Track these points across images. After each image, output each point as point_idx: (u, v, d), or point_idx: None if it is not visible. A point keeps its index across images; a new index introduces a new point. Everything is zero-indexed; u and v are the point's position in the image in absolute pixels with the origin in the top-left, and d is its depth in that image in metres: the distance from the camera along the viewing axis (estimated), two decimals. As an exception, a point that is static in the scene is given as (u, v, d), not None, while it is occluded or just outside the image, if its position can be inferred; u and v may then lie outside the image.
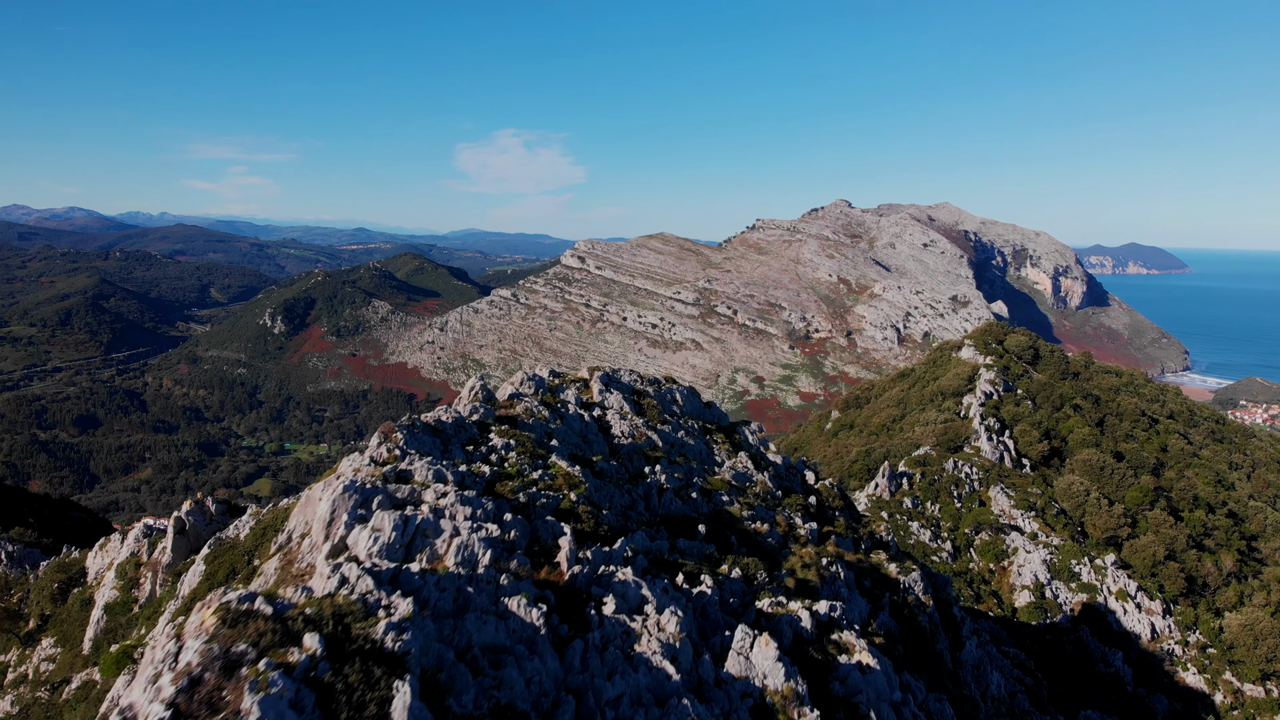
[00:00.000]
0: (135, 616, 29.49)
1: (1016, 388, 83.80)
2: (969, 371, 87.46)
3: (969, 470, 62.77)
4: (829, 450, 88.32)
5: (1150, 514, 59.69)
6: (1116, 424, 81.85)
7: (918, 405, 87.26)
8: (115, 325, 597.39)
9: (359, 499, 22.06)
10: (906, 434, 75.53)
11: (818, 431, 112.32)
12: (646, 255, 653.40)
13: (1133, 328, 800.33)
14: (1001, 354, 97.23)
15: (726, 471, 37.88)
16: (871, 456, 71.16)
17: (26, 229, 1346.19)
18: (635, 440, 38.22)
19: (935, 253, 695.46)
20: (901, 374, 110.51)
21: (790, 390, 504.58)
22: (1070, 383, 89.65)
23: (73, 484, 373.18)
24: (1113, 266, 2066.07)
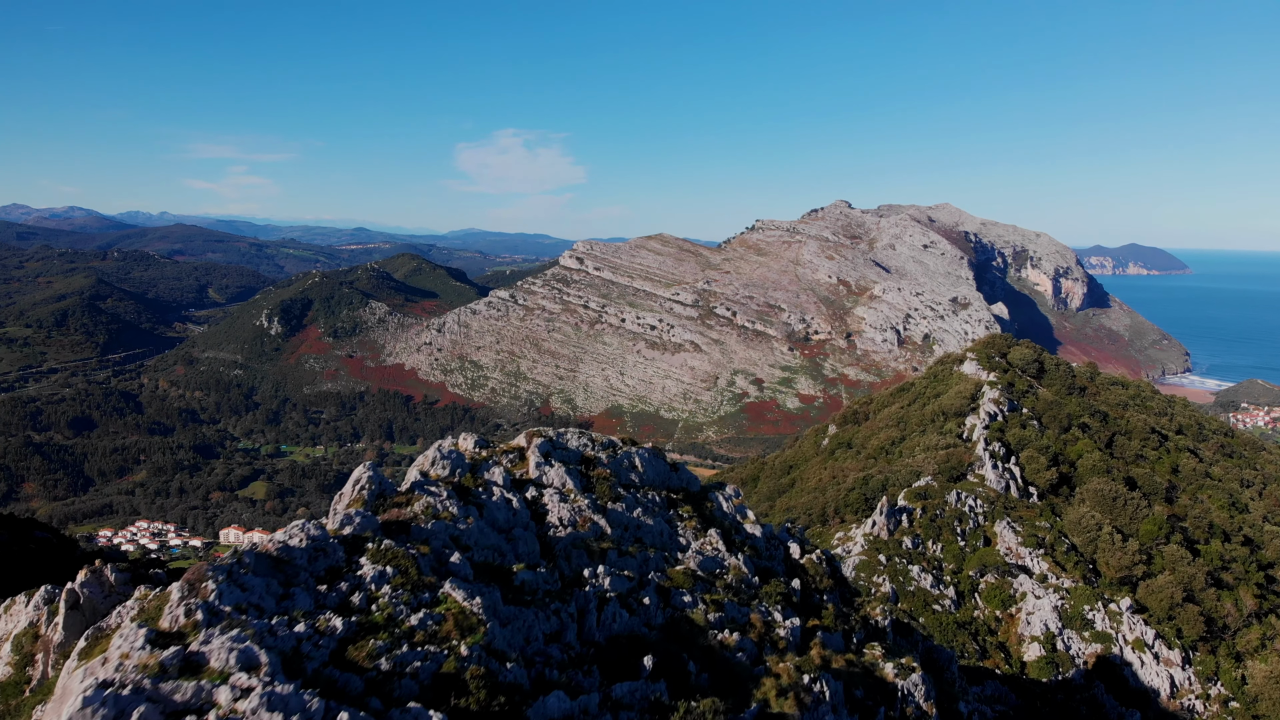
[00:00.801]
0: (24, 703, 25.42)
1: (1021, 406, 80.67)
2: (971, 389, 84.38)
3: (973, 503, 59.59)
4: (824, 474, 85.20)
5: (1166, 549, 56.82)
6: (1126, 443, 79.01)
7: (918, 426, 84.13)
8: (111, 326, 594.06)
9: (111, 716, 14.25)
10: (906, 459, 72.50)
11: (814, 448, 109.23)
12: (645, 256, 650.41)
13: (1133, 329, 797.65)
14: (1005, 368, 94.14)
15: (692, 558, 31.78)
16: (869, 485, 68.03)
17: (25, 229, 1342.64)
18: (577, 528, 31.85)
19: (935, 254, 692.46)
20: (901, 388, 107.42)
21: (789, 392, 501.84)
22: (1076, 399, 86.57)
23: (66, 487, 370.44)
24: (1113, 267, 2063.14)
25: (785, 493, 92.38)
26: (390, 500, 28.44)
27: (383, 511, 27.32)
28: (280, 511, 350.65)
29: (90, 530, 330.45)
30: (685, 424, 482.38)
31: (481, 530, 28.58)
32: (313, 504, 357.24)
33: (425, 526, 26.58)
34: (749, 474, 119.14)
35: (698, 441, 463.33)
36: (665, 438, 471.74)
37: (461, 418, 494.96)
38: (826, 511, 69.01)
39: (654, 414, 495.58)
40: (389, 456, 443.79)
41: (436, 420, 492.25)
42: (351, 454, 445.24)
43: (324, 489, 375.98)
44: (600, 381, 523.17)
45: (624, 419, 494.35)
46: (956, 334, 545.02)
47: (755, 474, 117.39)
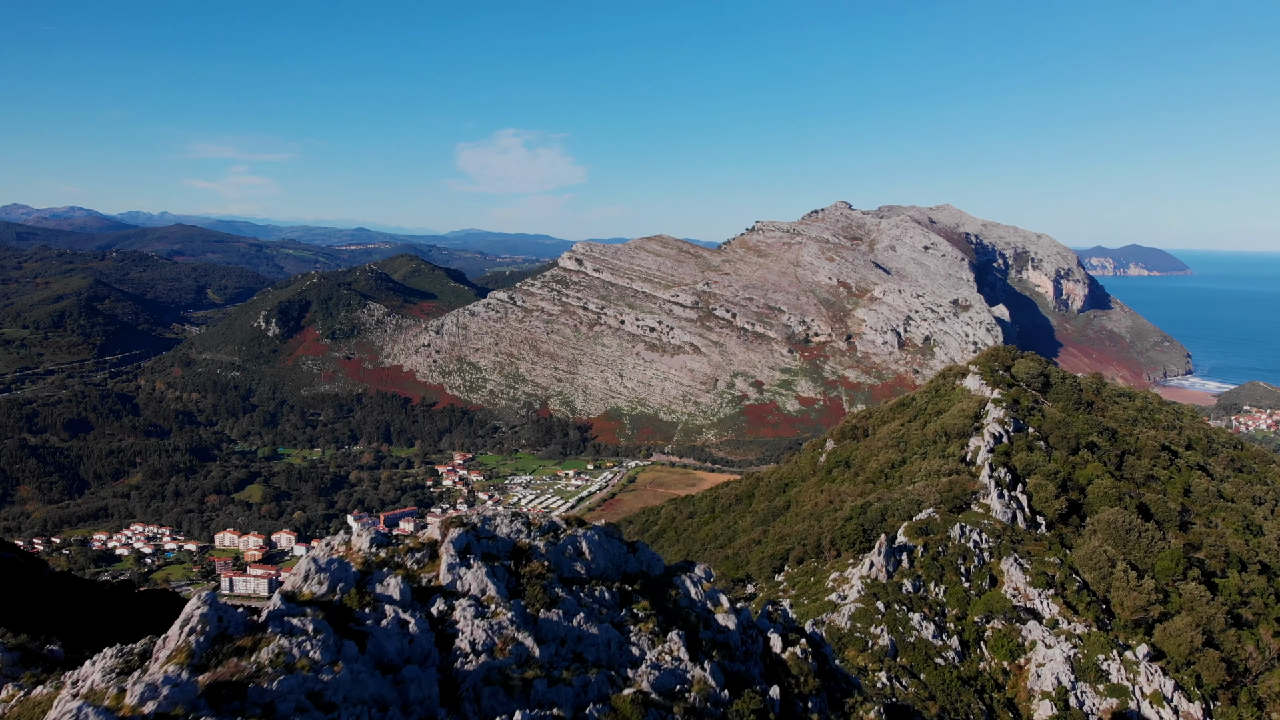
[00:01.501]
0: None
1: (1028, 425, 77.49)
2: (974, 407, 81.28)
3: (978, 537, 56.47)
4: (820, 497, 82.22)
5: (1184, 587, 54.01)
6: (1136, 463, 76.24)
7: (919, 447, 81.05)
8: (109, 327, 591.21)
9: None
10: (906, 485, 69.51)
11: (810, 465, 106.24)
12: (645, 258, 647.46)
13: (1135, 331, 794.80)
14: (1010, 382, 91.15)
15: (645, 675, 22.88)
16: (867, 515, 65.01)
17: (25, 229, 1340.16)
18: (495, 654, 24.25)
19: (936, 255, 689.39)
20: (901, 402, 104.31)
21: (789, 395, 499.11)
22: (1084, 415, 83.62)
23: (62, 489, 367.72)
24: (1114, 268, 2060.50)
25: (780, 515, 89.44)
26: (230, 646, 20.59)
27: (215, 667, 19.87)
28: (276, 515, 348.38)
29: (85, 534, 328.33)
30: (685, 426, 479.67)
31: (357, 677, 21.23)
32: (309, 507, 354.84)
33: (271, 686, 19.46)
34: (743, 490, 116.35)
35: (697, 444, 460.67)
36: (665, 440, 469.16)
37: (460, 420, 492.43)
38: (822, 543, 65.96)
39: (653, 416, 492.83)
40: (386, 459, 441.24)
41: (435, 422, 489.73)
42: (349, 456, 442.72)
43: (320, 492, 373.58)
44: (599, 384, 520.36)
45: (623, 421, 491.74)
46: (957, 336, 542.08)
47: (750, 490, 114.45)
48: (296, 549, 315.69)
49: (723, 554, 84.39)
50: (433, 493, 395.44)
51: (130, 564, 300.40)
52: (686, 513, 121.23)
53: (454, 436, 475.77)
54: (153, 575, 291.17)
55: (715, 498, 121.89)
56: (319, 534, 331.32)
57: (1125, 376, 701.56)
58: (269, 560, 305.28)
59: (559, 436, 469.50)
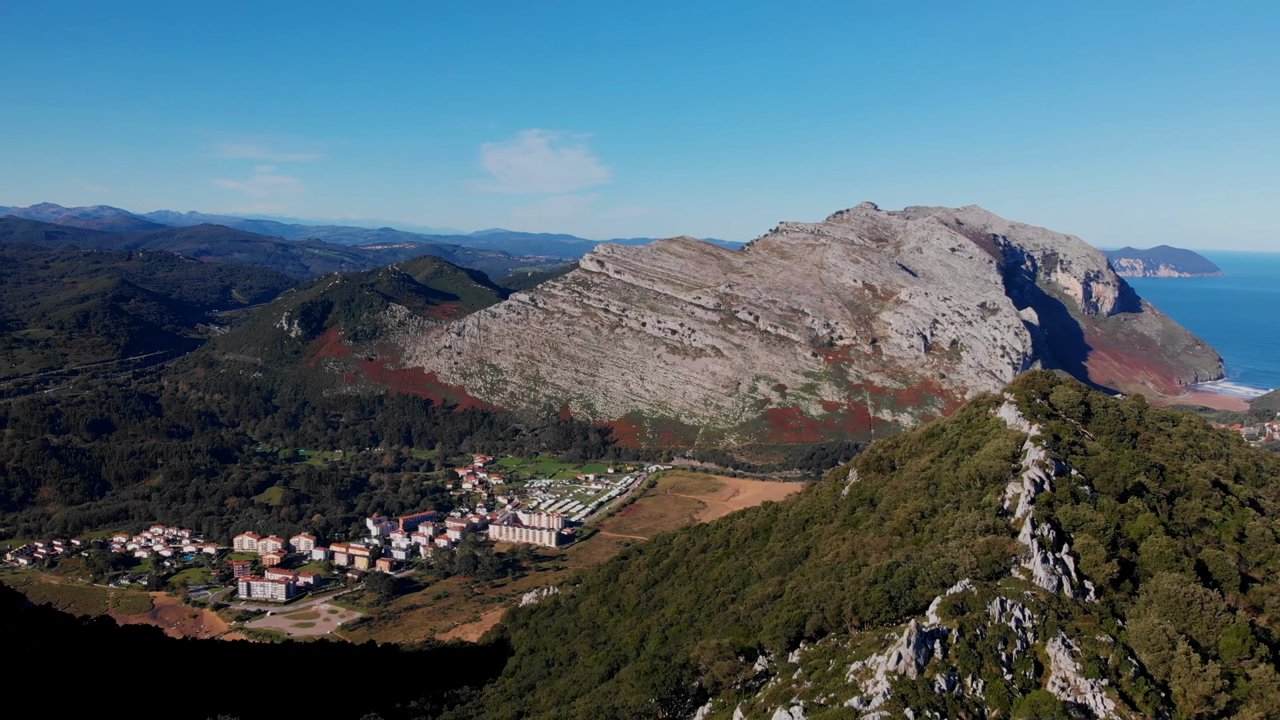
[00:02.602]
0: None
1: (1070, 466, 71.95)
2: (1011, 446, 75.66)
3: (1020, 614, 50.96)
4: (843, 547, 76.86)
5: (1253, 672, 48.89)
6: (1187, 505, 70.90)
7: (950, 491, 75.38)
8: (133, 328, 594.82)
9: None
10: (938, 542, 64.12)
11: (832, 498, 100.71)
12: (667, 259, 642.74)
13: (1165, 334, 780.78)
14: (1048, 412, 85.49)
15: None
16: (894, 578, 59.74)
17: (54, 228, 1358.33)
18: None
19: (963, 257, 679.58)
20: (931, 433, 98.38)
21: (813, 399, 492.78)
22: (1129, 451, 78.07)
23: (83, 490, 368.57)
24: (1143, 269, 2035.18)
25: (798, 564, 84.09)
26: None
27: None
28: (295, 518, 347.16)
29: (105, 536, 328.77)
30: (706, 431, 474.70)
31: None
32: (328, 510, 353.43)
33: None
34: (760, 523, 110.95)
35: (718, 449, 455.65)
36: (686, 444, 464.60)
37: (480, 422, 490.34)
38: (844, 610, 60.84)
39: (674, 420, 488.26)
40: (406, 461, 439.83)
41: (455, 425, 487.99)
42: (370, 458, 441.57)
43: (340, 495, 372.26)
44: (620, 386, 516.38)
45: (643, 425, 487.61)
46: (985, 340, 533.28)
47: (767, 523, 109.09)
48: (315, 553, 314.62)
49: (733, 611, 79.30)
50: (452, 496, 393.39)
51: (149, 567, 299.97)
52: (700, 545, 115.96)
53: (474, 439, 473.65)
54: (171, 579, 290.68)
55: (730, 529, 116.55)
56: (338, 538, 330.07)
57: (1156, 381, 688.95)
58: (287, 564, 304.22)
59: (579, 440, 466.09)
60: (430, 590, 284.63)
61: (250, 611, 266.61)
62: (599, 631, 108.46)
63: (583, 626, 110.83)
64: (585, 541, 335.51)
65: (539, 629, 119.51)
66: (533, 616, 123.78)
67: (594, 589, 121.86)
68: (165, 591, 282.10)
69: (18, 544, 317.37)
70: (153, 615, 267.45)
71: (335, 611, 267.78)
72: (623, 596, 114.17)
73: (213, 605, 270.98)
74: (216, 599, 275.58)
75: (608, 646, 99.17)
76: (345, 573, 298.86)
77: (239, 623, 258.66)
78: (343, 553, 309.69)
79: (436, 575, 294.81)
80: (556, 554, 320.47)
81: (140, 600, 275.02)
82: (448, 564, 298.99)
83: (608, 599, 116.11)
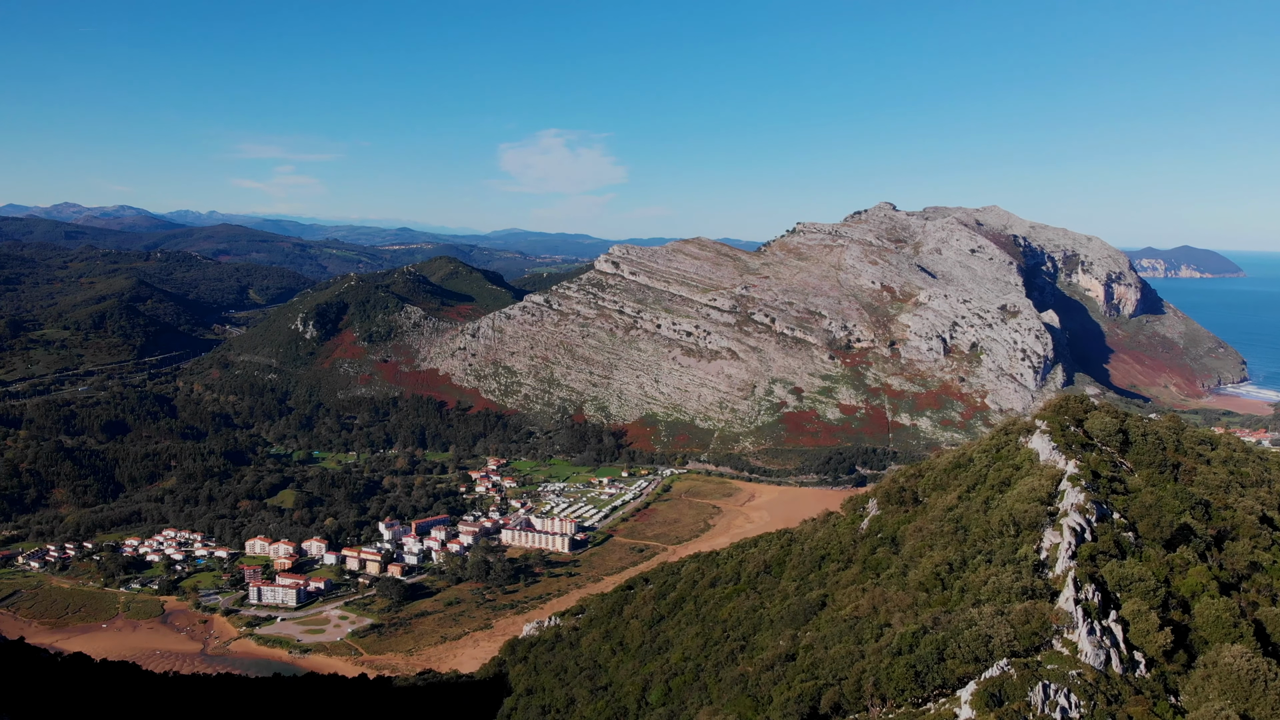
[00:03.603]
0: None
1: (1112, 509, 66.38)
2: (1047, 485, 69.66)
3: (1065, 701, 45.07)
4: (863, 600, 71.23)
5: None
6: (1235, 548, 65.87)
7: (981, 538, 69.18)
8: (149, 328, 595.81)
9: None
10: (969, 604, 58.34)
11: (850, 531, 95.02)
12: (682, 260, 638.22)
13: (1188, 337, 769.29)
14: (1083, 442, 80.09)
15: None
16: (920, 649, 54.23)
17: (74, 228, 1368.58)
18: None
19: (983, 259, 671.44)
20: (957, 463, 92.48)
21: (830, 402, 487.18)
22: (1171, 486, 72.92)
23: (96, 492, 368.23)
24: (1164, 270, 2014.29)
25: (813, 614, 78.59)
26: None
27: None
28: (308, 521, 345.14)
29: (118, 539, 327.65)
30: (721, 434, 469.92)
31: None
32: (341, 514, 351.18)
33: None
34: (774, 556, 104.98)
35: (734, 452, 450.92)
36: (701, 447, 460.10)
37: (494, 424, 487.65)
38: (863, 686, 55.64)
39: (689, 423, 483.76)
40: (420, 464, 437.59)
41: (469, 427, 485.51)
42: (384, 460, 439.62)
43: (353, 498, 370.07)
44: (634, 389, 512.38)
45: (658, 428, 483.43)
46: (1005, 343, 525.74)
47: (782, 557, 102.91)
48: (327, 557, 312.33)
49: (741, 671, 73.96)
50: (465, 499, 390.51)
51: (160, 571, 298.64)
52: (709, 577, 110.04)
53: (488, 441, 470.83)
54: (182, 583, 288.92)
55: (742, 561, 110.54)
56: (350, 541, 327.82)
57: (1178, 384, 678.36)
58: (298, 568, 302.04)
59: (593, 443, 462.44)
60: (442, 596, 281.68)
61: (260, 617, 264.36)
62: (600, 673, 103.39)
63: (583, 666, 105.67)
64: (598, 547, 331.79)
65: (538, 664, 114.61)
66: (532, 650, 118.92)
67: (597, 622, 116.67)
68: (176, 596, 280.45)
69: (30, 546, 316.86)
70: (163, 620, 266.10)
71: (346, 618, 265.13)
72: (626, 633, 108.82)
73: (223, 610, 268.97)
74: (227, 604, 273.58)
75: (608, 694, 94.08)
76: (357, 578, 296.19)
77: (249, 628, 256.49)
78: (354, 557, 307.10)
79: (448, 581, 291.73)
80: (569, 559, 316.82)
81: (151, 605, 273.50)
82: (460, 569, 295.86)
83: (611, 634, 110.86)
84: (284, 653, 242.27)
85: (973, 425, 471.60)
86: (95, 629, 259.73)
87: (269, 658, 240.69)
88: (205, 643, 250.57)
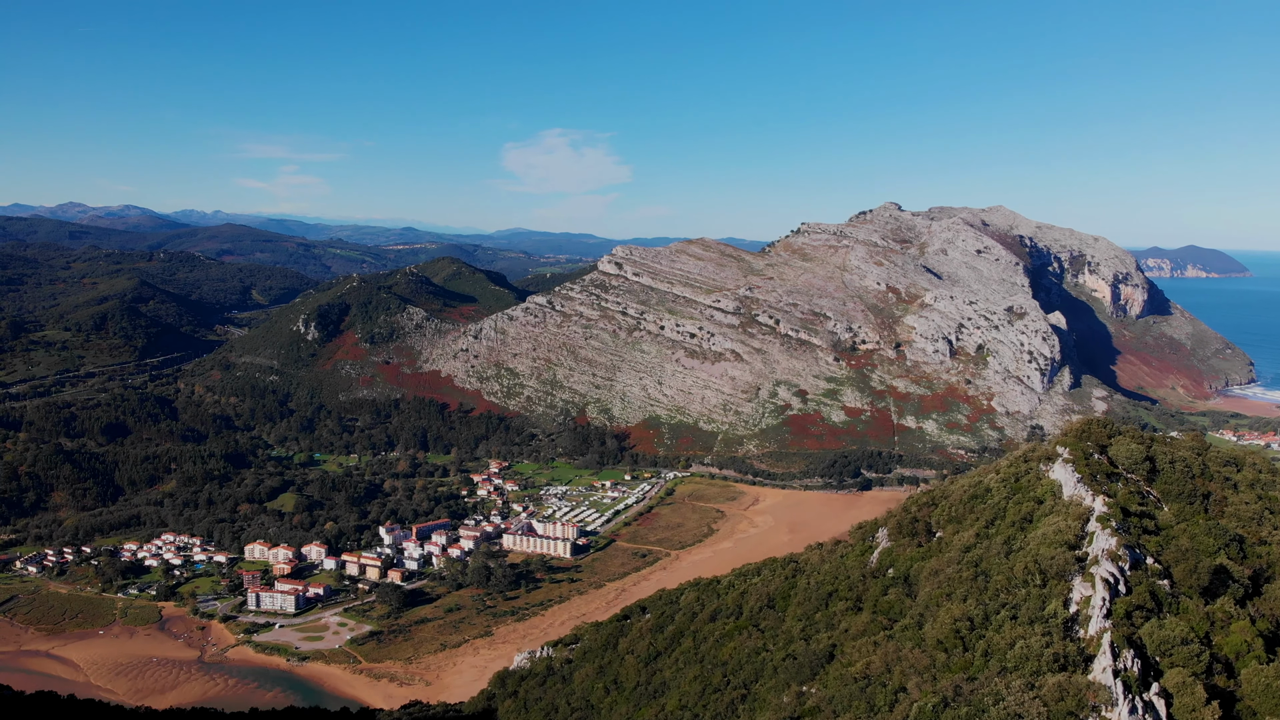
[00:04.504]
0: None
1: (1145, 553, 61.40)
2: (1074, 527, 64.18)
3: None
4: (874, 657, 66.55)
5: None
6: (1273, 590, 61.92)
7: (1004, 586, 63.70)
8: (151, 330, 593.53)
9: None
10: (993, 673, 53.55)
11: (859, 565, 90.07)
12: (685, 261, 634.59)
13: (1195, 338, 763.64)
14: (1109, 471, 75.90)
15: None
16: None
17: (78, 228, 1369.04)
18: None
19: (989, 260, 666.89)
20: (974, 493, 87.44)
21: (835, 405, 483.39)
22: (1204, 521, 68.72)
23: (95, 496, 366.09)
24: (1170, 270, 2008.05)
25: (819, 668, 73.95)
26: None
27: None
28: (308, 525, 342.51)
29: (116, 543, 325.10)
30: (725, 437, 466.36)
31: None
32: (341, 518, 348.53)
33: None
34: (778, 589, 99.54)
35: (738, 455, 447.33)
36: (704, 450, 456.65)
37: (496, 427, 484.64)
38: None
39: (692, 425, 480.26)
40: (422, 466, 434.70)
41: (471, 429, 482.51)
42: (385, 463, 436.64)
43: (353, 501, 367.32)
44: (638, 391, 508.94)
45: (661, 430, 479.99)
46: (1012, 345, 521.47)
47: (786, 590, 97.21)
48: (326, 562, 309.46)
49: None
50: (467, 503, 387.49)
51: (159, 576, 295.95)
52: (710, 610, 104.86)
53: (490, 444, 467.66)
54: (180, 588, 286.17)
55: (744, 592, 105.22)
56: (350, 546, 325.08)
57: (1186, 386, 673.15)
58: (298, 574, 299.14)
59: (596, 445, 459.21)
60: (442, 603, 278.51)
61: (259, 624, 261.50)
62: (592, 714, 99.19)
63: (575, 706, 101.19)
64: (600, 552, 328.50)
65: (528, 700, 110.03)
66: (523, 684, 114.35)
67: (591, 654, 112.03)
68: (174, 602, 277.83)
69: (28, 550, 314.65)
70: (160, 626, 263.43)
71: (345, 624, 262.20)
72: (621, 670, 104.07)
73: (221, 617, 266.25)
74: (225, 610, 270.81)
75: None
76: (356, 583, 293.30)
77: (247, 635, 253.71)
78: (354, 562, 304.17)
79: (449, 587, 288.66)
80: (571, 565, 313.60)
81: (148, 611, 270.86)
82: (460, 575, 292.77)
83: (605, 670, 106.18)
84: (282, 660, 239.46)
85: (979, 428, 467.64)
86: (92, 635, 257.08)
87: (266, 665, 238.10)
88: (203, 650, 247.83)
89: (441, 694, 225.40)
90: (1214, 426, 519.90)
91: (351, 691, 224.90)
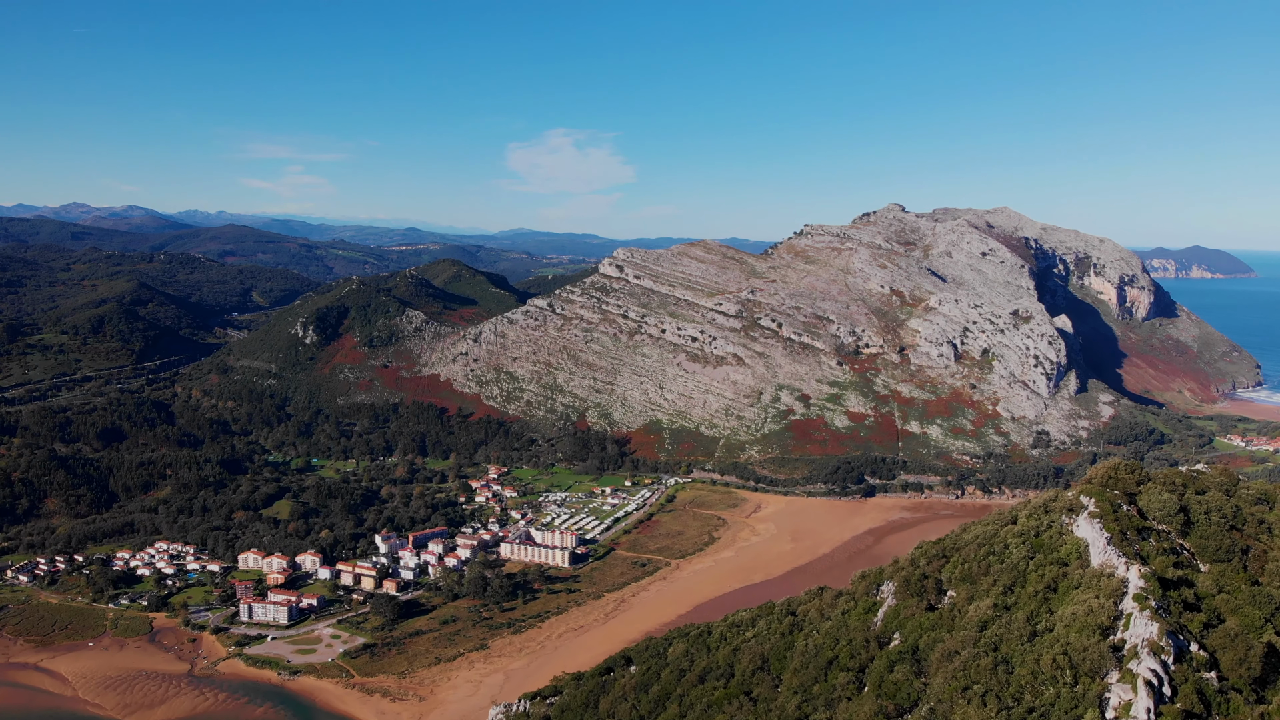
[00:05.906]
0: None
1: (1189, 638, 54.49)
2: (1108, 607, 56.12)
3: None
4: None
5: None
6: None
7: (1028, 683, 56.09)
8: (149, 333, 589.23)
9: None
10: None
11: (862, 628, 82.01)
12: (687, 264, 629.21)
13: (1201, 340, 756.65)
14: (1139, 525, 69.57)
15: None
16: None
17: (81, 229, 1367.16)
18: None
19: (994, 262, 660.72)
20: (990, 549, 79.57)
21: (838, 410, 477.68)
22: (1247, 588, 62.82)
23: (89, 503, 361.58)
24: (1175, 270, 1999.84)
25: None
26: None
27: None
28: (303, 533, 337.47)
29: (109, 551, 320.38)
30: (726, 442, 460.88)
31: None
32: (337, 525, 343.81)
33: None
34: (774, 648, 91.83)
35: (740, 461, 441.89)
36: (706, 455, 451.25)
37: (496, 431, 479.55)
38: None
39: (694, 430, 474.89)
40: (420, 472, 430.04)
41: (470, 434, 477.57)
42: (383, 469, 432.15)
43: (350, 509, 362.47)
44: (639, 395, 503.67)
45: (662, 435, 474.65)
46: (1018, 349, 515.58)
47: (782, 650, 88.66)
48: (321, 571, 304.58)
49: None
50: (465, 510, 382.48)
51: (150, 585, 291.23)
52: (699, 668, 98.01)
53: (489, 449, 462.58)
54: (172, 599, 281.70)
55: (736, 649, 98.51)
56: (346, 555, 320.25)
57: (1192, 389, 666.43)
58: (292, 584, 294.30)
59: (596, 450, 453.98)
60: (437, 614, 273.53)
61: (250, 636, 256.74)
62: None
63: None
64: (599, 561, 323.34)
65: None
66: None
67: (570, 714, 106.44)
68: (165, 612, 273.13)
69: (20, 559, 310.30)
70: (151, 638, 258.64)
71: (338, 636, 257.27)
72: None
73: (213, 628, 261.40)
74: (217, 621, 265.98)
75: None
76: (351, 593, 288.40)
77: (238, 648, 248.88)
78: (349, 572, 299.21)
79: (444, 597, 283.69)
80: (569, 575, 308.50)
81: (139, 622, 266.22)
82: (456, 585, 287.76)
83: None
84: (273, 674, 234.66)
85: (984, 434, 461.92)
86: (81, 647, 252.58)
87: (258, 679, 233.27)
88: (193, 663, 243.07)
89: (435, 710, 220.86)
90: (1221, 431, 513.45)
91: (343, 707, 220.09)
